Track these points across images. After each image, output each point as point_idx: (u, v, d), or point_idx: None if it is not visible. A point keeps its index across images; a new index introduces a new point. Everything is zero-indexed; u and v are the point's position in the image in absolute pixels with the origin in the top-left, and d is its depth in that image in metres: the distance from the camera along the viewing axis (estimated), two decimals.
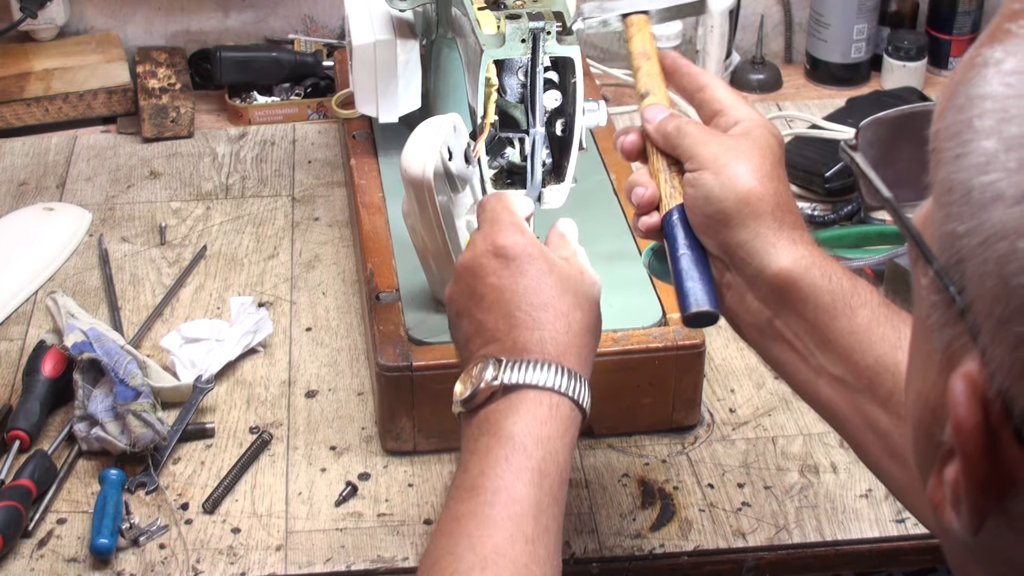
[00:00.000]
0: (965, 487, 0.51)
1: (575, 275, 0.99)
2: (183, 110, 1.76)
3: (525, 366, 0.93)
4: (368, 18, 1.47)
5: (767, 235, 0.94)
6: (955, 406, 0.50)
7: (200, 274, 1.51)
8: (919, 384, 0.56)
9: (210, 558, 1.16)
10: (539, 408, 0.92)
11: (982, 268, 0.49)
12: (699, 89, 1.02)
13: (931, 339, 0.54)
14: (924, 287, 0.55)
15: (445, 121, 1.18)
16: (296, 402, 1.33)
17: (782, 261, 0.94)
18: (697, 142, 0.97)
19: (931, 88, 1.86)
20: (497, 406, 0.93)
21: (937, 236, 0.53)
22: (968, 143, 0.51)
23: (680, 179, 0.99)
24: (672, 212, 0.98)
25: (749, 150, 0.96)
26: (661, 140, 1.00)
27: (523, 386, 0.93)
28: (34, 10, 1.81)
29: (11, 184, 1.68)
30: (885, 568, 1.22)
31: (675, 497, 1.22)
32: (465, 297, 0.99)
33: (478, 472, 0.90)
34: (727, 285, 0.97)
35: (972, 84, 0.52)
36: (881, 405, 0.90)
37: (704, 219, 0.96)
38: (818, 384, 0.94)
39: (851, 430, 0.94)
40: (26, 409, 1.27)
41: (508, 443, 0.90)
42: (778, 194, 0.95)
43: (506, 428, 0.91)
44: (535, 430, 0.91)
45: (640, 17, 1.11)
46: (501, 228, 0.99)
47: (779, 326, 0.95)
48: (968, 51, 0.55)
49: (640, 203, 1.00)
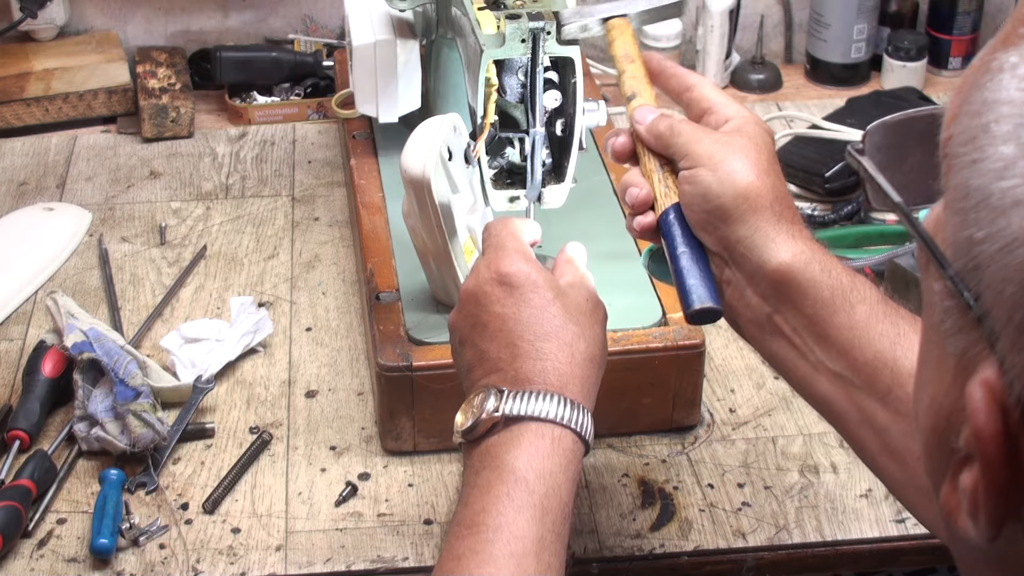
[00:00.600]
0: (984, 494, 0.51)
1: (580, 303, 0.99)
2: (183, 110, 1.76)
3: (527, 397, 0.92)
4: (368, 18, 1.47)
5: (766, 230, 0.94)
6: (974, 413, 0.50)
7: (200, 274, 1.51)
8: (932, 390, 0.56)
9: (210, 558, 1.16)
10: (541, 441, 0.92)
11: (1001, 274, 0.49)
12: (686, 89, 1.02)
13: (944, 345, 0.54)
14: (936, 292, 0.54)
15: (445, 121, 1.18)
16: (296, 402, 1.33)
17: (782, 255, 0.94)
18: (691, 140, 0.97)
19: (931, 88, 1.86)
20: (499, 438, 0.92)
21: (951, 241, 0.52)
22: (985, 148, 0.51)
23: (674, 178, 0.99)
24: (668, 211, 0.98)
25: (744, 145, 0.96)
26: (653, 140, 1.00)
27: (525, 417, 0.92)
28: (34, 10, 1.81)
29: (11, 184, 1.68)
30: (885, 568, 1.22)
31: (675, 497, 1.22)
32: (468, 325, 0.98)
33: (479, 508, 0.89)
34: (726, 282, 0.97)
35: (987, 89, 0.52)
36: (879, 401, 0.90)
37: (702, 216, 0.96)
38: (816, 380, 0.94)
39: (849, 426, 0.94)
40: (26, 409, 1.27)
41: (510, 478, 0.90)
42: (775, 188, 0.95)
43: (508, 462, 0.91)
44: (537, 464, 0.91)
45: (621, 21, 1.11)
46: (505, 255, 0.99)
47: (778, 321, 0.95)
48: (979, 55, 0.55)
49: (635, 203, 1.00)
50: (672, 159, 0.99)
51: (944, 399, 0.54)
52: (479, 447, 0.93)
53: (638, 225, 1.00)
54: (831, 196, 1.62)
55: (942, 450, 0.55)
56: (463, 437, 0.94)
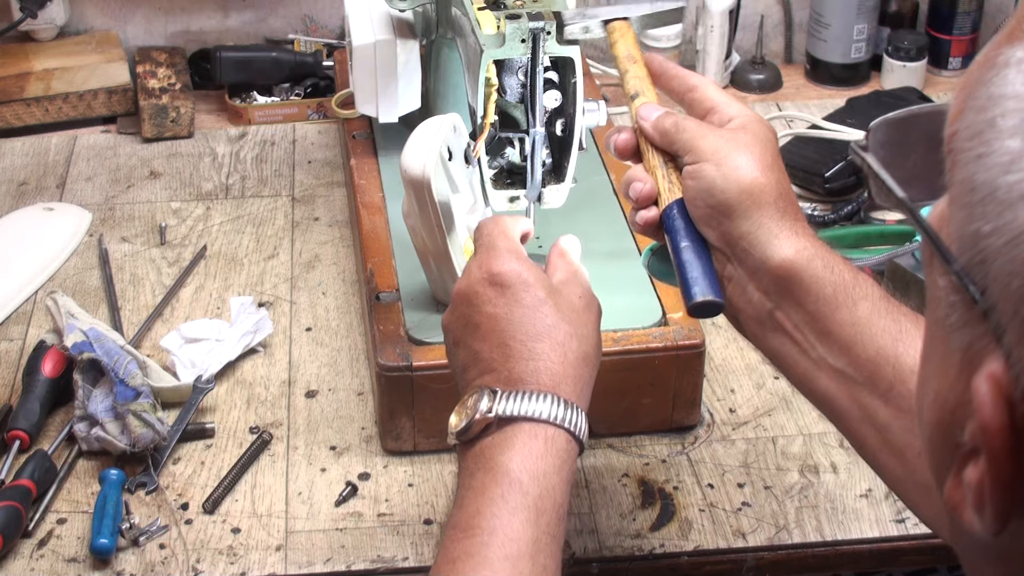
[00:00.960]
0: (990, 488, 0.51)
1: (572, 301, 0.99)
2: (183, 110, 1.76)
3: (520, 397, 0.92)
4: (368, 18, 1.47)
5: (770, 225, 0.94)
6: (981, 407, 0.50)
7: (200, 274, 1.51)
8: (936, 385, 0.56)
9: (210, 558, 1.16)
10: (535, 442, 0.92)
11: (1008, 267, 0.49)
12: (689, 90, 1.03)
13: (949, 340, 0.54)
14: (941, 287, 0.54)
15: (445, 121, 1.18)
16: (296, 402, 1.33)
17: (785, 251, 0.94)
18: (696, 136, 0.97)
19: (931, 88, 1.86)
20: (492, 439, 0.92)
21: (957, 236, 0.53)
22: (991, 143, 0.51)
23: (677, 174, 0.99)
24: (672, 206, 0.98)
25: (749, 142, 0.96)
26: (658, 136, 1.00)
27: (518, 418, 0.92)
28: (34, 10, 1.81)
29: (11, 184, 1.68)
30: (885, 568, 1.22)
31: (675, 497, 1.22)
32: (460, 326, 0.98)
33: (474, 511, 0.89)
34: (728, 278, 0.97)
35: (993, 84, 0.52)
36: (881, 398, 0.90)
37: (707, 211, 0.96)
38: (817, 376, 0.94)
39: (850, 423, 0.94)
40: (26, 409, 1.27)
41: (504, 480, 0.90)
42: (780, 185, 0.96)
43: (502, 464, 0.91)
44: (531, 465, 0.91)
45: (622, 23, 1.12)
46: (497, 254, 0.99)
47: (780, 318, 0.95)
48: (983, 51, 0.55)
49: (639, 197, 1.00)
50: (676, 155, 0.99)
51: (949, 394, 0.54)
52: (473, 448, 0.93)
53: (641, 220, 1.01)
54: (831, 196, 1.62)
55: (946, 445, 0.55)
56: (457, 438, 0.94)
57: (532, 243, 1.34)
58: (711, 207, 0.96)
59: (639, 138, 1.03)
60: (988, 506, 0.51)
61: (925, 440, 0.58)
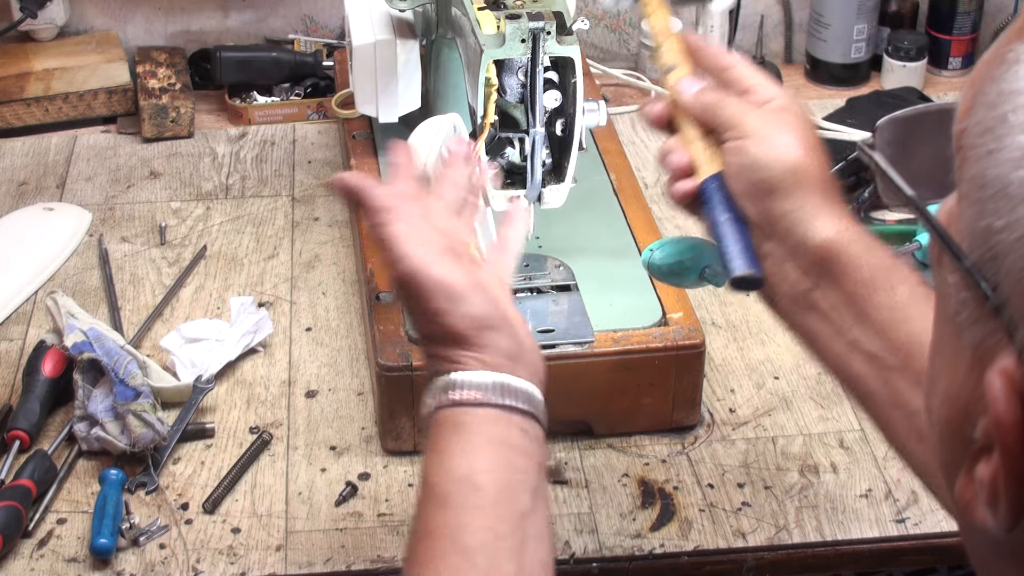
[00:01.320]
0: (1004, 483, 0.51)
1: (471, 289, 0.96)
2: (183, 110, 1.76)
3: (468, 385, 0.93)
4: (368, 18, 1.47)
5: (812, 205, 0.94)
6: (994, 402, 0.50)
7: (200, 274, 1.51)
8: (947, 382, 0.56)
9: (210, 558, 1.16)
10: (496, 426, 0.92)
11: (1020, 263, 0.49)
12: (725, 68, 1.02)
13: (959, 337, 0.54)
14: (951, 284, 0.54)
15: (445, 121, 1.18)
16: (296, 402, 1.33)
17: (826, 232, 0.94)
18: (739, 112, 0.97)
19: (931, 88, 1.86)
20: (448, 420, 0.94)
21: (967, 232, 0.52)
22: (1003, 138, 0.51)
23: (716, 148, 0.98)
24: (710, 179, 0.98)
25: (793, 122, 0.96)
26: (700, 110, 1.00)
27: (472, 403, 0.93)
28: (34, 10, 1.81)
29: (11, 184, 1.68)
30: (885, 568, 1.22)
31: (675, 497, 1.22)
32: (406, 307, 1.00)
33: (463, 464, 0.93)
34: (765, 255, 0.97)
35: (1003, 80, 0.52)
36: (914, 383, 0.90)
37: (749, 187, 0.96)
38: (851, 359, 0.94)
39: (879, 407, 0.93)
40: (26, 409, 1.27)
41: (463, 433, 0.92)
42: (822, 167, 0.96)
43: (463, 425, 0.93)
44: (488, 430, 0.92)
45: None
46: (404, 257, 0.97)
47: (816, 297, 0.95)
48: (992, 48, 0.55)
49: (676, 168, 1.00)
50: (715, 130, 0.99)
51: (960, 390, 0.54)
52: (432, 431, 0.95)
53: (679, 191, 1.00)
54: None
55: (957, 442, 0.55)
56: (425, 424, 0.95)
57: (532, 243, 1.34)
58: (753, 184, 0.95)
59: (674, 110, 1.02)
60: (1002, 502, 0.51)
61: (936, 437, 0.58)
